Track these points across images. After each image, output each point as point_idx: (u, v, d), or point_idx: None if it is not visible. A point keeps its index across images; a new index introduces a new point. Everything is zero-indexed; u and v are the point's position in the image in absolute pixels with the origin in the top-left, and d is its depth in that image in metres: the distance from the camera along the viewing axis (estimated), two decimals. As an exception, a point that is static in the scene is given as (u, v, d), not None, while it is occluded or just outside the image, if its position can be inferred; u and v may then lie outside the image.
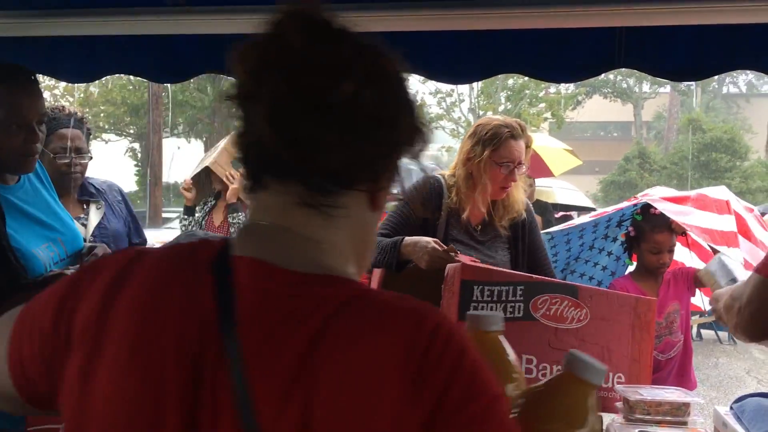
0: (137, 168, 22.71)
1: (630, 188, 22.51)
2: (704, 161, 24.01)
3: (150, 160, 17.52)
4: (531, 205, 2.66)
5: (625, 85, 30.39)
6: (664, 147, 29.41)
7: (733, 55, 1.81)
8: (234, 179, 4.26)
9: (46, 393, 0.80)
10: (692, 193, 3.19)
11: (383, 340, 0.67)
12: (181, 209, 4.48)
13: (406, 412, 0.64)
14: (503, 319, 1.06)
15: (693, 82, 23.38)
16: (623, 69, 1.99)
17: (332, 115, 0.72)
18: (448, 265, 1.87)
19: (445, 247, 2.12)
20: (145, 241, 2.87)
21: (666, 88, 29.23)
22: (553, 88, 22.02)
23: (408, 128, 0.79)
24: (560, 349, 1.72)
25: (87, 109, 18.05)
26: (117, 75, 2.35)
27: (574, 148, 10.19)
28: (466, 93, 23.19)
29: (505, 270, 2.11)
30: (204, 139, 22.87)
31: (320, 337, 0.67)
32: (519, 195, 2.48)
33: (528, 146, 2.43)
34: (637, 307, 1.84)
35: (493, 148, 2.31)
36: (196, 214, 4.36)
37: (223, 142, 4.51)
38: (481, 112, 21.19)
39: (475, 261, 2.08)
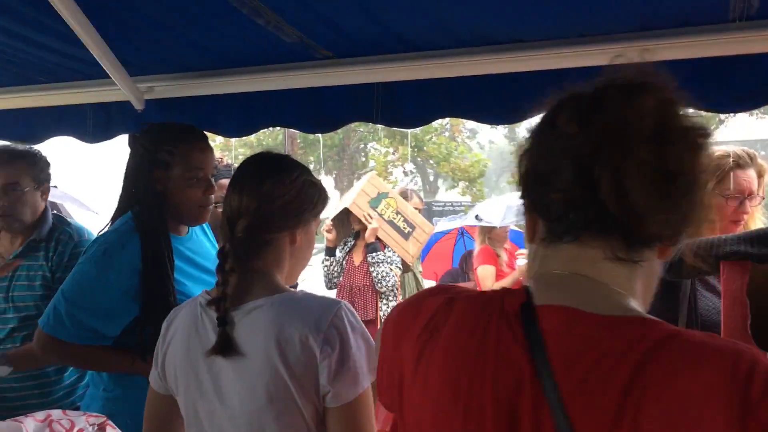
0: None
1: (785, 211, 20.67)
2: None
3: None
4: None
5: (773, 101, 28.12)
6: (822, 165, 26.90)
7: None
8: (372, 219, 4.34)
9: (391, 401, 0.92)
10: None
11: (704, 377, 0.66)
12: (320, 246, 4.61)
13: None
14: None
15: None
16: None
17: (671, 182, 0.75)
18: None
19: None
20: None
21: (821, 100, 26.79)
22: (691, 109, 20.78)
23: (706, 181, 0.80)
24: None
25: (226, 153, 19.14)
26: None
27: (719, 171, 9.53)
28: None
29: None
30: (333, 175, 23.70)
31: (639, 375, 0.68)
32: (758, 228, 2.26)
33: (761, 175, 2.18)
34: None
35: (717, 181, 2.11)
36: (337, 254, 4.47)
37: (359, 184, 4.61)
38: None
39: None
